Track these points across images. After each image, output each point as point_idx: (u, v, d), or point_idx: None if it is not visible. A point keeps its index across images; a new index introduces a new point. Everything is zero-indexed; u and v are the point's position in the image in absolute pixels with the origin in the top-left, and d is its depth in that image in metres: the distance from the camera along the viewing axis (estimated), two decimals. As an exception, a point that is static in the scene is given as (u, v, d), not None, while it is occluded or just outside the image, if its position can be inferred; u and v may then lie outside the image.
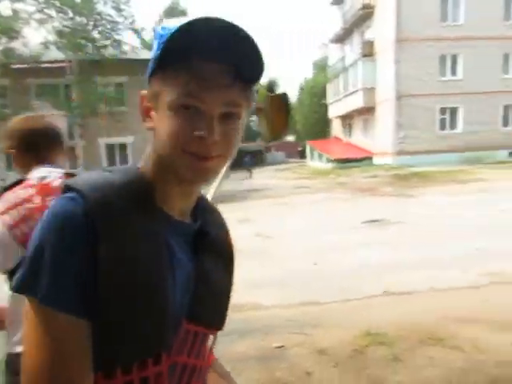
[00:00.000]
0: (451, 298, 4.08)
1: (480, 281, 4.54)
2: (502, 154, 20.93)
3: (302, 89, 47.65)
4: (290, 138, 62.31)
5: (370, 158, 24.02)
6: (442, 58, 21.09)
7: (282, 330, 3.47)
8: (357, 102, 24.59)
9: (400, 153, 20.92)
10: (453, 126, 21.50)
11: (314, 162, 30.09)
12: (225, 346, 3.23)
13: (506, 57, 21.34)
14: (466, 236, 6.57)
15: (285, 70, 78.12)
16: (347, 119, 29.04)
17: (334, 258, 5.87)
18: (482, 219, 7.72)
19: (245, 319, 3.77)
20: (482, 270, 4.84)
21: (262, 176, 26.43)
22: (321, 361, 2.93)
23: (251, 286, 4.79)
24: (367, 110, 24.21)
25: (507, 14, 21.17)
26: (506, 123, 21.65)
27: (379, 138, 22.80)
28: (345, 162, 23.72)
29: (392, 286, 4.50)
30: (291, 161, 46.85)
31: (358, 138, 26.94)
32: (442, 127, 21.37)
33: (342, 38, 29.42)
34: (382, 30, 22.19)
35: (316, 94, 40.08)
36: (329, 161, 25.32)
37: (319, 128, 39.81)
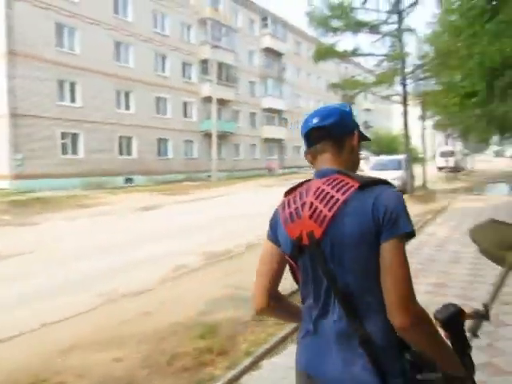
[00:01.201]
0: (63, 329, 3.91)
1: (95, 302, 4.65)
2: (119, 180, 23.34)
3: None
4: None
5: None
6: (61, 83, 21.04)
7: None
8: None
9: (19, 176, 18.96)
10: (75, 151, 21.77)
11: None
12: None
13: (118, 93, 24.07)
14: (88, 257, 6.69)
15: None
16: None
17: None
18: (103, 241, 8.16)
19: None
20: (100, 291, 5.01)
21: None
22: None
23: None
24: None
25: (117, 56, 24.02)
26: (121, 152, 24.28)
27: (-8, 160, 19.82)
28: None
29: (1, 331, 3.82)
30: None
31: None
32: (65, 152, 21.21)
33: None
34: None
35: None
36: None
37: None
